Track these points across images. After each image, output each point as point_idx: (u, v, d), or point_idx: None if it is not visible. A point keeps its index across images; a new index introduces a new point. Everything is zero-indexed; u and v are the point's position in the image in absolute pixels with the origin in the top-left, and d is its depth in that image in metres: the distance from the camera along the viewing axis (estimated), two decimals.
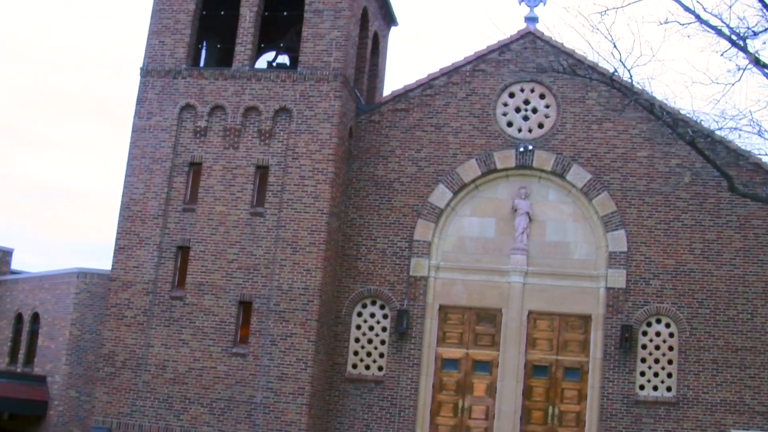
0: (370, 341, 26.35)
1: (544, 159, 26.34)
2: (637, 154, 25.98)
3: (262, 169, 25.76)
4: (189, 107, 26.29)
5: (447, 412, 25.92)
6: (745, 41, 19.13)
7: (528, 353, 25.92)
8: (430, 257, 26.38)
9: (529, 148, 26.35)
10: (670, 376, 25.03)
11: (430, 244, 26.45)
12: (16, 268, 31.63)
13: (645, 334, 25.32)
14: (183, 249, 25.65)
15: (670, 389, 24.95)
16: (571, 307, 25.89)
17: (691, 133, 20.16)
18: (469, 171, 26.59)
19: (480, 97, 27.00)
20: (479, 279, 26.35)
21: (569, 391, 25.65)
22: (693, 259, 25.26)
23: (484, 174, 26.58)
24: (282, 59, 30.83)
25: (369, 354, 26.27)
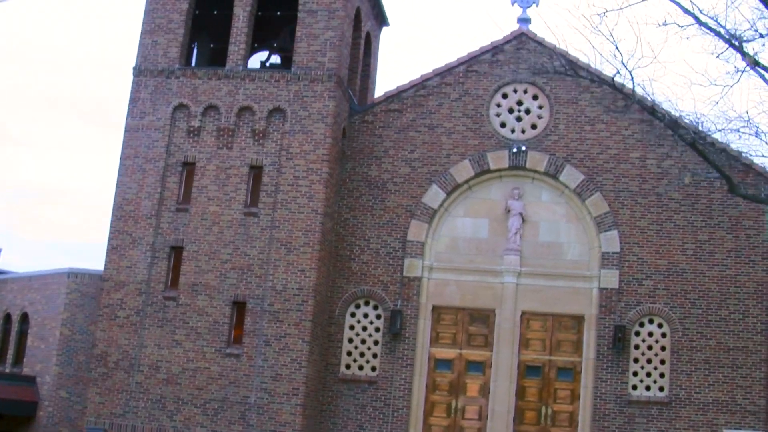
0: (363, 342, 26.34)
1: (537, 160, 26.42)
2: (630, 155, 26.12)
3: (255, 169, 25.70)
4: (182, 107, 26.19)
5: (440, 412, 25.96)
6: (741, 43, 19.25)
7: (521, 353, 25.99)
8: (423, 258, 26.41)
9: (523, 148, 26.43)
10: (662, 376, 25.17)
11: (423, 244, 26.47)
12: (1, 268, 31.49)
13: (638, 334, 25.45)
14: (176, 249, 25.55)
15: (662, 389, 25.08)
16: (564, 308, 25.97)
17: (693, 134, 20.27)
18: (463, 171, 26.64)
19: (473, 98, 27.06)
20: (472, 279, 26.39)
21: (562, 391, 25.75)
22: (685, 260, 25.41)
23: (477, 174, 26.63)
24: (274, 59, 30.79)
25: (362, 354, 26.26)
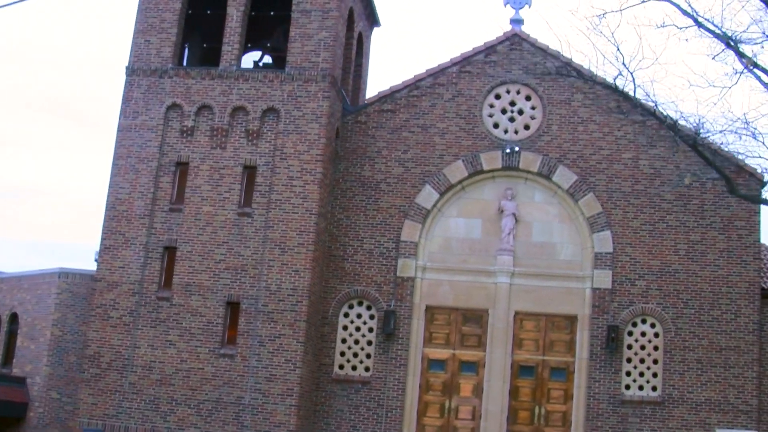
0: (356, 342, 26.32)
1: (530, 160, 26.49)
2: (623, 155, 26.24)
3: (249, 170, 25.64)
4: (175, 107, 26.09)
5: (434, 412, 25.97)
6: (737, 44, 19.39)
7: (514, 353, 26.04)
8: (416, 258, 26.42)
9: (516, 149, 26.49)
10: (655, 375, 25.29)
11: (416, 244, 26.49)
12: None
13: (630, 334, 25.56)
14: (170, 249, 25.44)
15: (655, 389, 25.20)
16: (558, 308, 26.05)
17: (693, 136, 20.40)
18: (456, 172, 26.68)
19: (466, 99, 27.11)
20: (466, 280, 26.43)
21: (555, 391, 25.82)
22: (678, 260, 25.55)
23: (470, 175, 26.67)
24: (266, 59, 30.73)
25: (356, 355, 26.23)
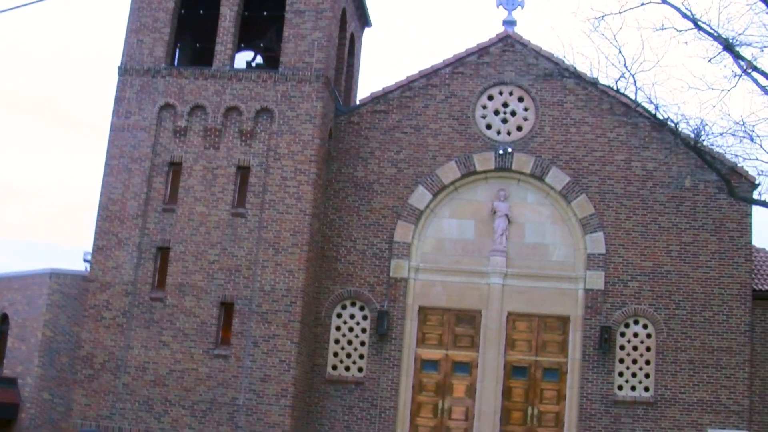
0: (350, 342, 26.32)
1: (523, 161, 26.57)
2: (615, 157, 26.36)
3: (243, 170, 25.58)
4: (168, 107, 26.00)
5: (427, 413, 26.01)
6: (733, 47, 19.52)
7: (507, 354, 26.12)
8: (409, 259, 26.45)
9: (509, 150, 26.56)
10: (647, 376, 25.43)
11: (409, 245, 26.52)
12: None
13: (623, 335, 25.69)
14: (163, 250, 25.35)
15: (647, 389, 25.34)
16: (550, 309, 26.15)
17: (694, 138, 20.55)
18: (449, 173, 26.72)
19: (459, 100, 27.15)
20: (459, 280, 26.48)
21: (548, 392, 25.91)
22: (670, 261, 25.69)
23: (463, 176, 26.72)
24: (258, 59, 30.64)
25: (349, 355, 26.24)
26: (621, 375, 25.50)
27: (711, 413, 24.92)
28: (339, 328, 26.41)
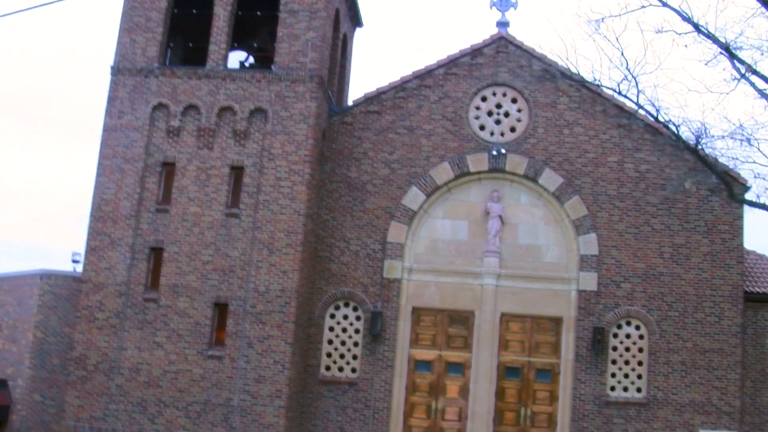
0: (343, 343, 26.30)
1: (516, 163, 26.63)
2: (608, 159, 26.46)
3: (237, 170, 25.50)
4: (161, 106, 25.87)
5: (420, 413, 26.04)
6: (731, 51, 19.62)
7: (500, 355, 26.18)
8: (403, 259, 26.45)
9: (502, 151, 26.60)
10: (640, 377, 25.57)
11: (403, 246, 26.52)
12: None
13: (615, 336, 25.81)
14: (156, 250, 25.23)
15: (640, 390, 25.48)
16: (543, 310, 26.23)
17: (695, 141, 20.66)
18: (442, 173, 26.74)
19: (452, 101, 27.17)
20: (452, 281, 26.52)
21: (541, 393, 26.00)
22: (662, 263, 25.83)
23: (456, 177, 26.75)
24: (250, 59, 30.55)
25: (342, 356, 26.22)
26: (613, 376, 25.63)
27: (702, 414, 25.09)
28: (332, 328, 26.39)
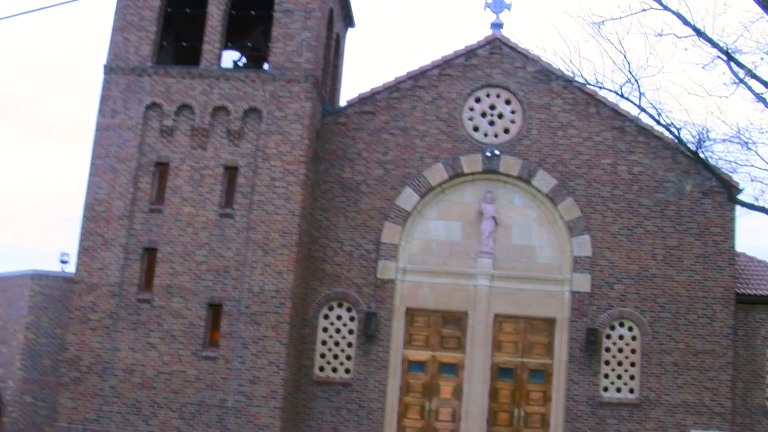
0: (337, 344, 26.27)
1: (510, 164, 26.67)
2: (601, 160, 26.57)
3: (231, 170, 25.39)
4: (155, 106, 25.71)
5: (414, 414, 26.06)
6: (729, 55, 19.75)
7: (494, 356, 26.23)
8: (397, 260, 26.45)
9: (496, 152, 26.64)
10: (632, 378, 25.71)
11: (396, 246, 26.51)
12: None
13: (608, 337, 25.94)
14: (150, 251, 25.08)
15: (632, 391, 25.62)
16: (537, 311, 26.30)
17: (696, 144, 20.79)
18: (436, 174, 26.75)
19: (447, 102, 27.18)
20: (446, 282, 26.54)
21: (534, 393, 26.09)
22: (655, 265, 25.97)
23: (450, 178, 26.77)
24: (243, 58, 30.41)
25: (336, 357, 26.19)
26: (606, 377, 25.76)
27: (694, 415, 25.27)
28: (326, 329, 26.35)
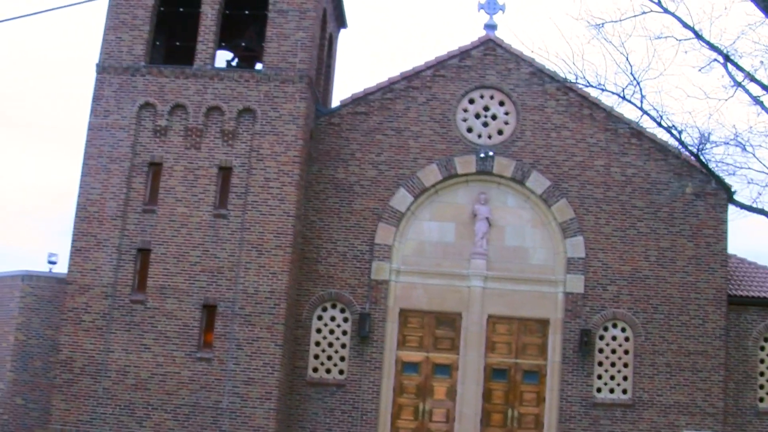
0: (330, 345, 26.23)
1: (504, 165, 26.71)
2: (595, 162, 26.66)
3: (224, 170, 25.28)
4: (148, 106, 25.56)
5: (408, 415, 26.06)
6: (727, 59, 19.87)
7: (487, 357, 26.27)
8: (390, 261, 26.43)
9: (490, 154, 26.68)
10: (626, 379, 25.83)
11: (390, 247, 26.50)
12: None
13: (602, 338, 26.04)
14: (143, 251, 24.94)
15: (626, 392, 25.74)
16: (530, 312, 26.36)
17: (697, 147, 20.90)
18: (430, 175, 26.75)
19: (440, 102, 27.19)
20: (439, 283, 26.55)
21: (528, 394, 26.15)
22: (648, 266, 26.09)
23: (444, 179, 26.78)
24: (233, 57, 30.27)
25: (330, 358, 26.15)
26: (600, 378, 25.86)
27: (687, 415, 25.41)
28: (320, 330, 26.29)
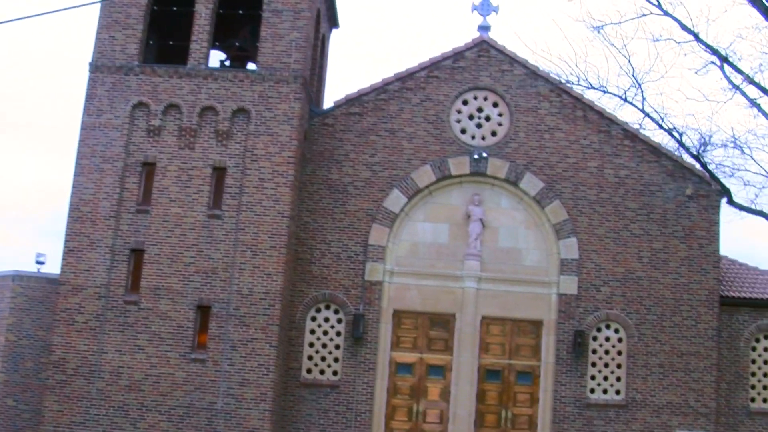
0: (324, 346, 26.17)
1: (498, 167, 26.75)
2: (588, 164, 26.74)
3: (219, 171, 25.18)
4: (142, 105, 25.42)
5: (402, 416, 26.05)
6: (723, 62, 19.98)
7: (481, 357, 26.30)
8: (384, 262, 26.40)
9: (484, 155, 26.70)
10: (619, 379, 25.92)
11: (384, 248, 26.47)
12: None
13: (595, 339, 26.12)
14: (137, 252, 24.79)
15: (619, 392, 25.82)
16: (524, 313, 26.40)
17: (698, 148, 21.00)
18: (424, 176, 26.75)
19: (434, 104, 27.19)
20: (433, 284, 26.54)
21: (522, 395, 26.18)
22: (641, 267, 26.20)
23: (438, 180, 26.78)
24: (226, 57, 30.18)
25: (323, 359, 26.09)
26: (593, 378, 25.94)
27: (680, 415, 25.53)
28: (313, 331, 26.23)
